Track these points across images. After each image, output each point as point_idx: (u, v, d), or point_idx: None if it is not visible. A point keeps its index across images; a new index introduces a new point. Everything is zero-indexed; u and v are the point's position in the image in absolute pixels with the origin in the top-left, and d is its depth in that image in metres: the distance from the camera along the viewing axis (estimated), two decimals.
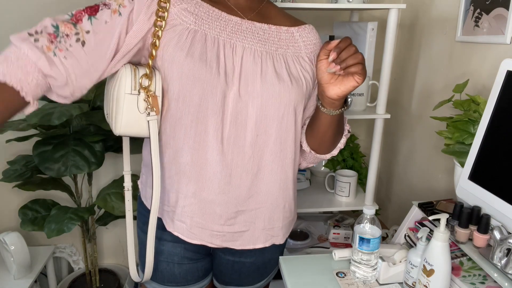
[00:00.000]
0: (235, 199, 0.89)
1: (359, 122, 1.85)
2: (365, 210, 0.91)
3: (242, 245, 0.95)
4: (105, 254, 1.89)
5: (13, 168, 1.48)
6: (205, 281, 1.06)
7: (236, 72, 0.83)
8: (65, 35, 0.76)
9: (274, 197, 0.92)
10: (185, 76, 0.80)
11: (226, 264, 1.03)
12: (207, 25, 0.83)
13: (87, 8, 0.80)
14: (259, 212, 0.92)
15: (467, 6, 1.22)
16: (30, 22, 0.80)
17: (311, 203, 1.52)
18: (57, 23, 0.77)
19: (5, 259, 1.55)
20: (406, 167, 1.67)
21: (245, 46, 0.84)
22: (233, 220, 0.91)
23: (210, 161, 0.85)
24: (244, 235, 0.94)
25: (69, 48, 0.75)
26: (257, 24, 0.87)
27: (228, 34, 0.84)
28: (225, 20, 0.85)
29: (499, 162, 0.84)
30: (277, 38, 0.89)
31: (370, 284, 0.92)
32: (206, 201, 0.88)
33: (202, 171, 0.86)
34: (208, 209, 0.89)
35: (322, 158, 1.00)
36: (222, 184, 0.87)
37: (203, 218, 0.89)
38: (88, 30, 0.78)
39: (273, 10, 0.94)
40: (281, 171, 0.91)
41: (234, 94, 0.82)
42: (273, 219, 0.95)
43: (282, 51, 0.88)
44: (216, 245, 0.93)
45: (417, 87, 1.57)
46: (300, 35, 0.92)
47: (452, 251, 0.90)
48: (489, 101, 0.88)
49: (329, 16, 1.71)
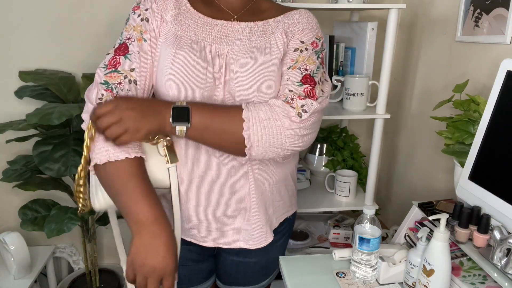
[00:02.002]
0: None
1: (359, 122, 1.85)
2: (365, 210, 0.91)
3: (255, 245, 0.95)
4: (105, 254, 1.89)
5: (13, 168, 1.48)
6: (209, 282, 1.06)
7: (221, 73, 0.84)
8: (118, 84, 0.81)
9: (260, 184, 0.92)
10: (176, 62, 0.82)
11: (231, 264, 1.03)
12: (193, 31, 0.86)
13: (116, 50, 0.83)
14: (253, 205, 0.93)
15: (467, 6, 1.22)
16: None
17: (311, 203, 1.52)
18: (104, 80, 0.81)
19: (5, 259, 1.55)
20: (406, 167, 1.67)
21: (229, 48, 0.85)
22: (234, 219, 0.91)
23: (206, 160, 0.86)
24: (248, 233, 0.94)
25: (128, 93, 0.81)
26: (242, 24, 0.88)
27: (213, 39, 0.86)
28: (210, 25, 0.87)
29: (499, 162, 0.84)
30: (263, 31, 0.89)
31: (370, 284, 0.92)
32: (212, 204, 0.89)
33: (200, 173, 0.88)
34: (214, 211, 0.90)
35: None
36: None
37: (212, 221, 0.91)
38: (132, 68, 0.82)
39: (264, 4, 0.94)
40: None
41: (220, 92, 0.84)
42: (265, 207, 0.95)
43: (266, 40, 0.88)
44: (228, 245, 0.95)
45: (417, 87, 1.57)
46: (286, 17, 0.90)
47: (452, 251, 0.90)
48: (489, 101, 0.88)
49: (329, 16, 1.71)
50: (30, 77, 1.49)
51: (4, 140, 1.47)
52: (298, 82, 0.84)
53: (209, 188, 0.88)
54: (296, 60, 0.86)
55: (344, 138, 1.72)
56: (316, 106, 0.82)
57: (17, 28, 1.53)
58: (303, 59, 0.86)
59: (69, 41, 1.57)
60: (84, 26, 1.56)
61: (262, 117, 0.79)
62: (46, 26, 1.54)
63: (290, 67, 0.86)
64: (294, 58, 0.87)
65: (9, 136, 1.47)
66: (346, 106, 1.44)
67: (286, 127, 0.79)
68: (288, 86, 0.84)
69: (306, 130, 0.81)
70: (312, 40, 0.89)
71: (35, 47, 1.55)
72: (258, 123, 0.78)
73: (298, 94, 0.82)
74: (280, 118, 0.79)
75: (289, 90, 0.83)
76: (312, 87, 0.83)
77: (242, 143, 0.79)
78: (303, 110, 0.80)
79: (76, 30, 1.56)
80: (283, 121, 0.79)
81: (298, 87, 0.83)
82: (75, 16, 1.55)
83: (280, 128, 0.79)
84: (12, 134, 1.49)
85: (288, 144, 0.81)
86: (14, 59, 1.55)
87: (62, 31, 1.55)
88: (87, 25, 1.56)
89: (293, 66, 0.86)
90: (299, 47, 0.87)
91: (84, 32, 1.56)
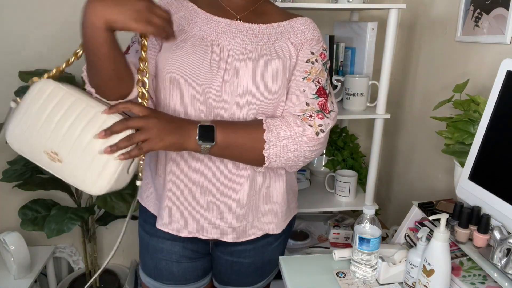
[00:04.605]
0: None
1: (359, 122, 1.85)
2: (365, 210, 0.91)
3: (234, 239, 0.95)
4: (105, 254, 1.89)
5: (13, 168, 1.48)
6: (205, 281, 1.06)
7: (222, 68, 0.85)
8: None
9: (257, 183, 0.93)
10: (175, 66, 0.85)
11: (225, 264, 1.03)
12: (198, 27, 0.88)
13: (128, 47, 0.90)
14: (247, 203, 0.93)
15: (467, 6, 1.22)
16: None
17: (311, 203, 1.52)
18: None
19: (5, 259, 1.55)
20: (406, 167, 1.67)
21: (231, 44, 0.87)
22: (223, 214, 0.92)
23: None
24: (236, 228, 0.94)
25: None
26: (246, 25, 0.90)
27: (217, 35, 0.88)
28: (215, 22, 0.89)
29: (499, 162, 0.84)
30: (267, 34, 0.90)
31: (370, 284, 0.92)
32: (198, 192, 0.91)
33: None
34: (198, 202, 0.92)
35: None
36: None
37: (194, 210, 0.92)
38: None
39: (269, 8, 0.95)
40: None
41: (216, 86, 0.84)
42: (260, 209, 0.95)
43: (270, 43, 0.89)
44: (207, 237, 0.95)
45: (417, 87, 1.57)
46: (291, 26, 0.92)
47: (452, 251, 0.90)
48: (489, 101, 0.88)
49: (329, 16, 1.71)
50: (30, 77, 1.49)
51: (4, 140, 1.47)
52: (314, 94, 0.88)
53: (197, 175, 0.89)
54: (309, 72, 0.89)
55: (344, 138, 1.72)
56: (331, 124, 0.88)
57: (17, 28, 1.53)
58: (315, 71, 0.89)
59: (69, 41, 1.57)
60: None
61: (281, 137, 0.83)
62: (46, 26, 1.54)
63: (305, 78, 0.88)
64: (307, 69, 0.89)
65: None
66: (346, 106, 1.44)
67: (303, 145, 0.84)
68: (305, 98, 0.87)
69: (321, 146, 0.87)
70: (320, 51, 0.91)
71: (35, 47, 1.55)
72: (278, 142, 0.83)
73: (315, 109, 0.86)
74: (298, 137, 0.84)
75: (307, 103, 0.87)
76: (325, 100, 0.88)
77: (262, 160, 0.84)
78: (321, 130, 0.85)
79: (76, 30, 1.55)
80: (301, 139, 0.84)
81: (315, 100, 0.87)
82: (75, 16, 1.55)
83: (298, 145, 0.84)
84: None
85: (302, 158, 0.86)
86: (14, 59, 1.55)
87: (62, 31, 1.55)
88: None
89: (308, 78, 0.88)
90: (310, 59, 0.90)
91: None
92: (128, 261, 1.92)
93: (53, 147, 0.74)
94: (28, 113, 0.76)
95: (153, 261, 1.00)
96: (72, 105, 0.75)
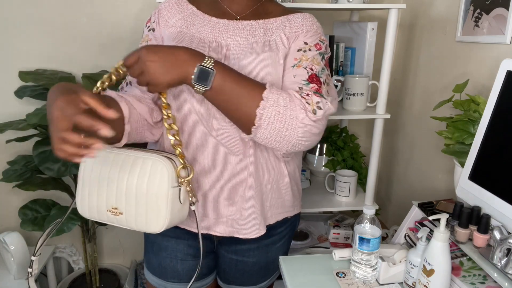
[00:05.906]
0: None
1: (359, 122, 1.85)
2: (365, 210, 0.91)
3: (246, 234, 0.94)
4: (105, 254, 1.89)
5: (13, 168, 1.48)
6: (209, 279, 1.07)
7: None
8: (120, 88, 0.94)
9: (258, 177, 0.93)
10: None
11: (230, 263, 1.03)
12: (196, 29, 0.90)
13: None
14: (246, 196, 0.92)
15: (467, 6, 1.22)
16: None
17: (311, 203, 1.52)
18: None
19: (5, 259, 1.55)
20: (406, 167, 1.67)
21: (229, 43, 0.88)
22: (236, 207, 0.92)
23: (200, 145, 0.89)
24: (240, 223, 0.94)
25: (126, 93, 0.88)
26: (244, 22, 0.90)
27: (215, 35, 0.89)
28: (213, 23, 0.90)
29: (499, 162, 0.84)
30: (263, 29, 0.90)
31: (370, 284, 0.92)
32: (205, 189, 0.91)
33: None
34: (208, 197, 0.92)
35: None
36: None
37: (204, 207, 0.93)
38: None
39: (271, 7, 0.95)
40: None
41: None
42: (261, 201, 0.94)
43: (266, 38, 0.89)
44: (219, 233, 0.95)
45: (417, 87, 1.57)
46: (288, 19, 0.92)
47: (452, 251, 0.90)
48: (489, 101, 0.88)
49: (329, 16, 1.71)
50: (30, 77, 1.49)
51: (4, 140, 1.47)
52: (305, 80, 0.83)
53: (205, 171, 0.90)
54: (300, 59, 0.86)
55: (344, 138, 1.72)
56: (329, 105, 0.81)
57: (17, 28, 1.53)
58: (306, 58, 0.86)
59: (69, 41, 1.57)
60: (84, 26, 1.56)
61: (280, 103, 0.77)
62: (46, 26, 1.54)
63: (295, 65, 0.86)
64: (297, 57, 0.87)
65: (9, 136, 1.47)
66: (346, 106, 1.44)
67: (299, 119, 0.78)
68: (296, 83, 0.83)
69: (316, 130, 0.80)
70: (316, 42, 0.90)
71: (35, 47, 1.55)
72: (275, 106, 0.77)
73: (311, 90, 0.81)
74: (297, 110, 0.78)
75: (299, 87, 0.82)
76: (318, 87, 0.83)
77: (252, 120, 0.78)
78: (317, 107, 0.79)
79: (76, 30, 1.56)
80: (298, 113, 0.77)
81: (306, 86, 0.82)
82: (75, 16, 1.55)
83: (294, 119, 0.77)
84: (12, 134, 1.49)
85: (295, 138, 0.79)
86: (14, 59, 1.55)
87: (62, 31, 1.55)
88: (87, 25, 1.56)
89: (298, 65, 0.86)
90: (303, 48, 0.88)
91: (84, 32, 1.56)
92: (128, 261, 1.92)
93: (112, 203, 0.82)
94: (84, 184, 0.85)
95: (157, 259, 1.01)
96: (113, 161, 0.82)
